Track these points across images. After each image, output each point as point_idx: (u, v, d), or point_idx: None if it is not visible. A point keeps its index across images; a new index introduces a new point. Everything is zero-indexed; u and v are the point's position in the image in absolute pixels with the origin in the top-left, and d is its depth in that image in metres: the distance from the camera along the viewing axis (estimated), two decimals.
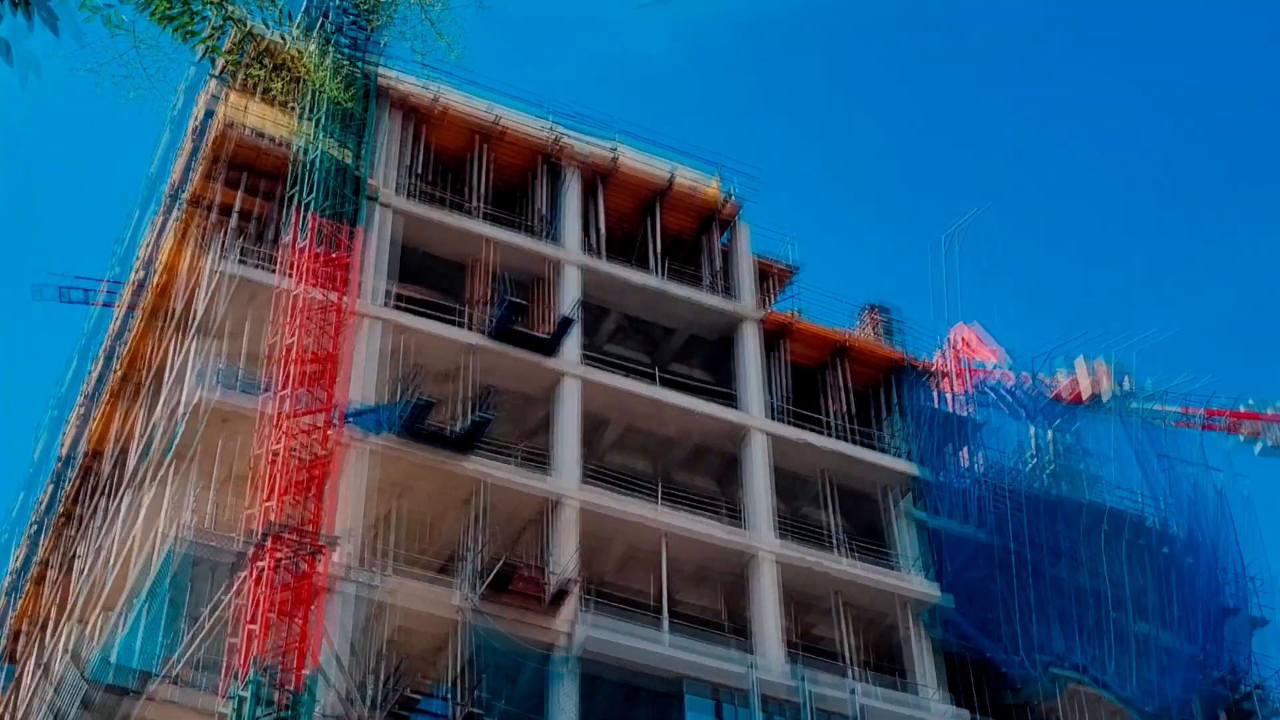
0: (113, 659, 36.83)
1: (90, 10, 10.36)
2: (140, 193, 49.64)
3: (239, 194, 43.07)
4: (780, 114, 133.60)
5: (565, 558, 39.79)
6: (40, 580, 55.82)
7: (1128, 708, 46.41)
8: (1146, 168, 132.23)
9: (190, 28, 10.85)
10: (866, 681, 43.27)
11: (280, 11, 11.81)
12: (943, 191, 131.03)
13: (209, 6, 10.76)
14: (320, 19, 39.46)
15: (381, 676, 37.14)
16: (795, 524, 46.52)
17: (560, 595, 38.87)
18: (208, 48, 10.82)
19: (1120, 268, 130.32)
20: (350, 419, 38.40)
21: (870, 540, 47.06)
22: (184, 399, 40.32)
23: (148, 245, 49.47)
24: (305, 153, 39.27)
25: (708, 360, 50.03)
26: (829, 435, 47.66)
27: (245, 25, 11.74)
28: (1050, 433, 52.40)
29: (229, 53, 12.10)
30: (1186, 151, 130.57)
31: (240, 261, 41.70)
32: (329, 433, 34.28)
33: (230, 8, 11.01)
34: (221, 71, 41.80)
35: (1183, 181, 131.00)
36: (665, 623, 41.17)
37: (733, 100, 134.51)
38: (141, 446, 44.00)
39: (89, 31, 10.75)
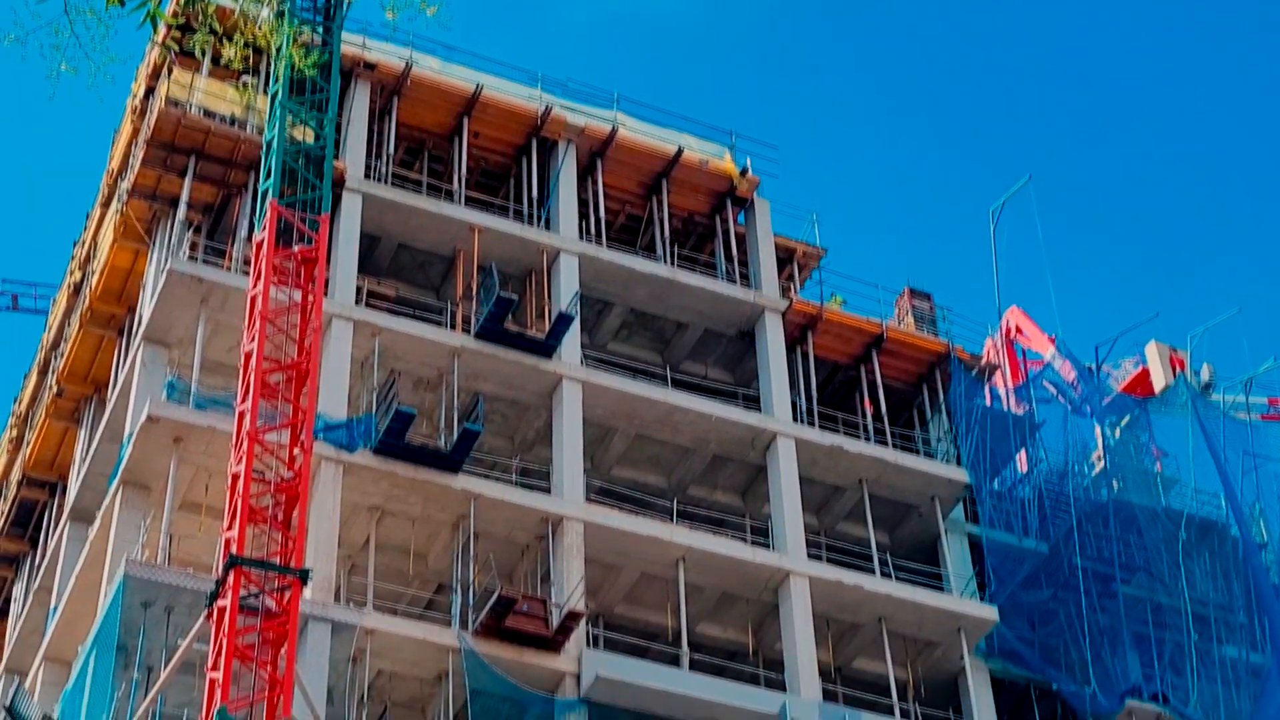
0: (55, 717, 36.76)
1: None
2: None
3: (187, 182, 42.97)
4: (801, 78, 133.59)
5: (570, 586, 39.70)
6: None
7: None
8: (1200, 129, 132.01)
9: None
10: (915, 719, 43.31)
11: None
12: (982, 164, 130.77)
13: None
14: None
15: None
16: (830, 542, 46.44)
17: (565, 629, 38.79)
18: (148, 11, 10.73)
19: (1181, 239, 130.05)
20: (320, 435, 38.32)
21: (916, 558, 46.97)
22: (130, 417, 40.27)
23: (85, 243, 49.38)
24: (262, 133, 39.09)
25: (725, 358, 49.94)
26: (865, 440, 47.57)
27: None
28: (1118, 431, 52.25)
29: (174, 16, 12.05)
30: (1248, 110, 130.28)
31: (190, 258, 41.64)
32: (296, 451, 34.13)
33: None
34: (165, 40, 41.62)
35: (1249, 141, 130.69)
36: (684, 658, 41.11)
37: (751, 63, 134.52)
38: (83, 472, 43.93)
39: None
